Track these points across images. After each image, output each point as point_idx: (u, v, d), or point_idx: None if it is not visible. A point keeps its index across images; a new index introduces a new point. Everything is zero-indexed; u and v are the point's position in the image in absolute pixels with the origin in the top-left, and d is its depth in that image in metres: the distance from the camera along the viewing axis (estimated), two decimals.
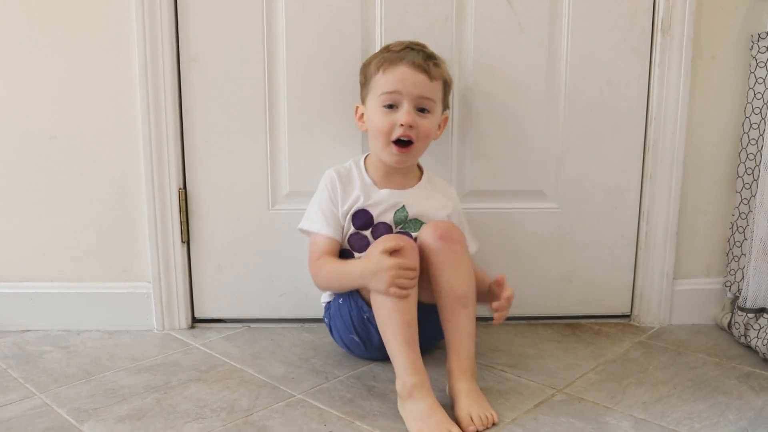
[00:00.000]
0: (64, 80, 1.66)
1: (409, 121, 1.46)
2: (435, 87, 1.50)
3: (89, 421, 1.32)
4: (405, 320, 1.33)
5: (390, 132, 1.48)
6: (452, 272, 1.40)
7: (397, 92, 1.47)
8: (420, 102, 1.48)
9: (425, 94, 1.48)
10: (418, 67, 1.47)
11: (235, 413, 1.35)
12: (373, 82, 1.50)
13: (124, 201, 1.72)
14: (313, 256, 1.52)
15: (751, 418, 1.35)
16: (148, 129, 1.66)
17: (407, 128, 1.46)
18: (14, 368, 1.55)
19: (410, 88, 1.46)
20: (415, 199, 1.55)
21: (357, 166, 1.57)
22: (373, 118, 1.50)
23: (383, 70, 1.48)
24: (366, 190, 1.53)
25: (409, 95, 1.47)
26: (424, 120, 1.49)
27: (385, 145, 1.49)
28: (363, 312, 1.46)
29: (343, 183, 1.54)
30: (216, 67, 1.67)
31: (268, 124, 1.70)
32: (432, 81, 1.48)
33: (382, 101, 1.48)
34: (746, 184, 1.71)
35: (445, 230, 1.43)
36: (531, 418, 1.34)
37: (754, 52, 1.67)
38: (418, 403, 1.29)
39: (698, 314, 1.83)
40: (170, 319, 1.76)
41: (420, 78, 1.47)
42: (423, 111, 1.49)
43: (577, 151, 1.75)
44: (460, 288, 1.40)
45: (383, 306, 1.34)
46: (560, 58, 1.71)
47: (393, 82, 1.47)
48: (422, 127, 1.48)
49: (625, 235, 1.80)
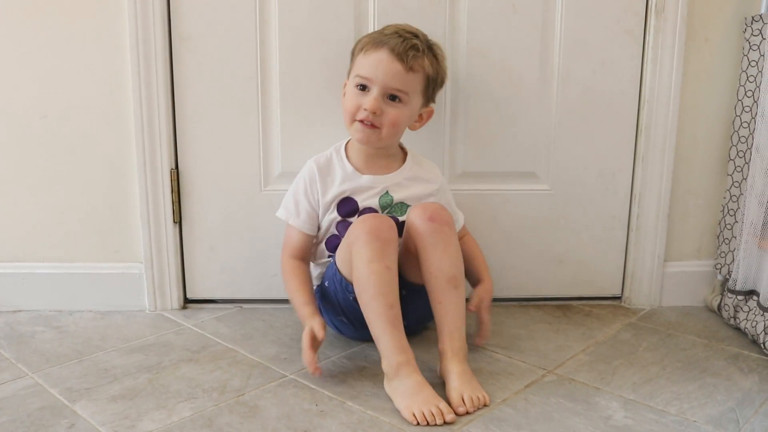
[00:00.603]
0: (55, 59, 1.65)
1: (373, 107, 1.44)
2: (411, 79, 1.46)
3: (81, 400, 1.32)
4: (388, 302, 1.34)
5: (355, 112, 1.47)
6: (442, 254, 1.40)
7: (368, 78, 1.45)
8: (390, 91, 1.45)
9: (396, 85, 1.45)
10: (396, 55, 1.44)
11: (226, 393, 1.36)
12: (355, 62, 1.50)
13: (116, 181, 1.72)
14: (285, 250, 1.56)
15: (739, 399, 1.36)
16: (139, 109, 1.66)
17: (371, 114, 1.45)
18: (6, 348, 1.55)
19: (381, 76, 1.44)
20: (399, 183, 1.54)
21: (338, 154, 1.55)
22: (347, 96, 1.50)
23: (365, 51, 1.47)
24: (348, 178, 1.52)
25: (378, 83, 1.44)
26: (392, 108, 1.46)
27: (350, 122, 1.49)
28: (349, 293, 1.46)
29: (322, 175, 1.53)
30: (208, 46, 1.66)
31: (261, 104, 1.69)
32: (408, 72, 1.45)
33: (355, 82, 1.48)
34: (737, 167, 1.71)
35: (434, 212, 1.43)
36: (521, 399, 1.35)
37: (747, 35, 1.67)
38: (404, 381, 1.30)
39: (688, 296, 1.84)
40: (162, 299, 1.76)
41: (395, 67, 1.44)
42: (393, 99, 1.46)
43: (570, 132, 1.75)
44: (450, 269, 1.40)
45: (366, 291, 1.35)
46: (553, 40, 1.70)
47: (367, 66, 1.46)
48: (388, 116, 1.46)
49: (616, 217, 1.80)
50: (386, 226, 1.38)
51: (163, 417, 1.27)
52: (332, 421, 1.26)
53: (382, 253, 1.35)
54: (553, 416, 1.28)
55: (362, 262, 1.35)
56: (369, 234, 1.36)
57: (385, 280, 1.34)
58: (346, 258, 1.43)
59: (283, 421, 1.26)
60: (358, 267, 1.36)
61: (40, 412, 1.28)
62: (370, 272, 1.34)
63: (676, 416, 1.29)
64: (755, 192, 1.61)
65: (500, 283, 1.82)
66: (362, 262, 1.35)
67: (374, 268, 1.34)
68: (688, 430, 1.24)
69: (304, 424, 1.25)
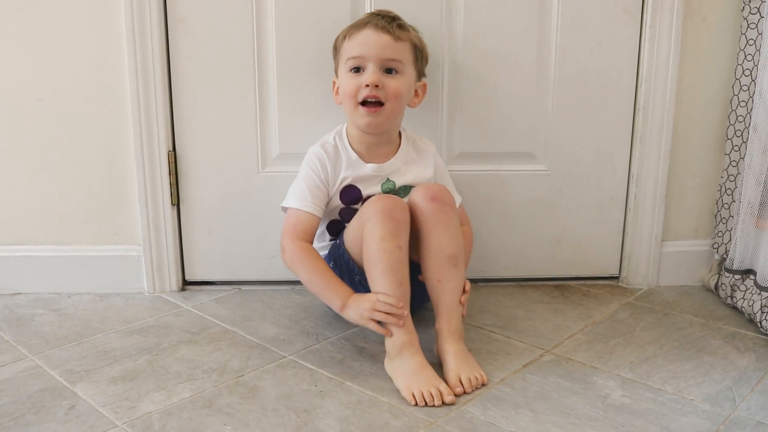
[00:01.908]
0: (50, 41, 1.64)
1: (374, 80, 1.43)
2: (402, 48, 1.47)
3: (81, 382, 1.33)
4: (397, 280, 1.34)
5: (356, 94, 1.45)
6: (442, 232, 1.41)
7: (360, 56, 1.45)
8: (386, 63, 1.45)
9: (390, 55, 1.45)
10: (381, 28, 1.45)
11: (226, 374, 1.36)
12: (341, 51, 1.50)
13: (114, 164, 1.71)
14: (290, 234, 1.47)
15: (736, 377, 1.37)
16: (136, 91, 1.65)
17: (373, 88, 1.44)
18: (6, 331, 1.55)
19: (373, 50, 1.44)
20: (399, 168, 1.54)
21: (341, 140, 1.53)
22: (342, 85, 1.49)
23: (348, 37, 1.47)
24: (352, 165, 1.51)
25: (373, 57, 1.44)
26: (391, 80, 1.46)
27: (354, 107, 1.47)
28: (354, 274, 1.47)
29: (332, 161, 1.51)
30: (204, 28, 1.65)
31: (258, 85, 1.69)
32: (397, 41, 1.45)
33: (348, 66, 1.46)
34: (735, 146, 1.71)
35: (436, 192, 1.44)
36: (519, 378, 1.36)
37: (746, 13, 1.66)
38: (407, 361, 1.31)
39: (686, 276, 1.85)
40: (161, 281, 1.77)
41: (383, 39, 1.44)
42: (390, 72, 1.46)
43: (567, 113, 1.74)
44: (450, 248, 1.41)
45: (375, 266, 1.35)
46: (550, 19, 1.69)
47: (357, 45, 1.45)
48: (390, 87, 1.45)
49: (614, 197, 1.81)
50: (399, 207, 1.39)
51: (163, 398, 1.27)
52: (331, 401, 1.27)
53: (395, 232, 1.36)
54: (551, 395, 1.29)
55: (374, 239, 1.35)
56: (382, 213, 1.36)
57: (396, 258, 1.35)
58: (356, 237, 1.42)
59: (282, 401, 1.26)
60: (369, 244, 1.36)
61: (40, 393, 1.29)
62: (381, 249, 1.34)
63: (673, 395, 1.30)
64: (753, 171, 1.61)
65: (498, 263, 1.82)
66: (374, 239, 1.35)
67: (386, 246, 1.34)
68: (685, 408, 1.25)
69: (304, 404, 1.26)
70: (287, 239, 1.47)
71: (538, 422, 1.21)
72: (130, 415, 1.22)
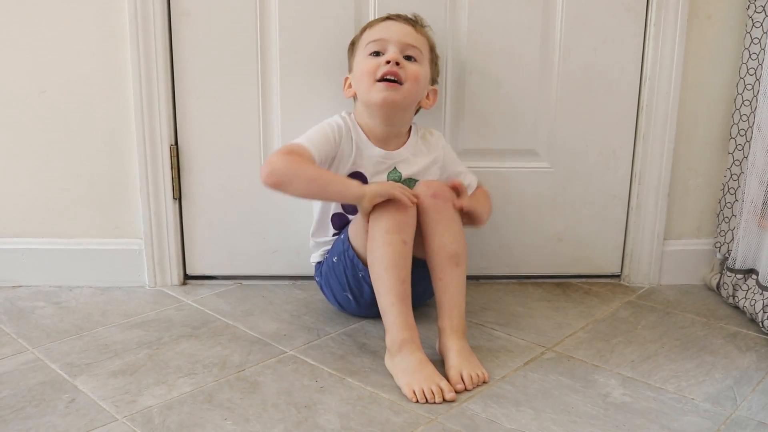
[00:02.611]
0: (54, 34, 1.64)
1: (395, 56, 1.45)
2: (421, 39, 1.51)
3: (82, 375, 1.33)
4: (400, 276, 1.34)
5: (375, 71, 1.46)
6: (444, 230, 1.41)
7: (382, 39, 1.48)
8: (406, 49, 1.48)
9: (411, 41, 1.49)
10: (402, 20, 1.51)
11: (226, 369, 1.36)
12: (360, 42, 1.52)
13: (116, 157, 1.71)
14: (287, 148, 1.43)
15: (737, 376, 1.37)
16: (139, 84, 1.65)
17: (393, 65, 1.45)
18: (7, 323, 1.55)
19: (395, 35, 1.48)
20: (406, 159, 1.54)
21: (351, 122, 1.52)
22: (359, 68, 1.49)
23: (368, 28, 1.52)
24: (362, 146, 1.51)
25: (394, 40, 1.47)
26: (411, 65, 1.48)
27: (371, 83, 1.46)
28: (358, 270, 1.47)
29: (346, 135, 1.50)
30: (208, 21, 1.65)
31: (261, 79, 1.68)
32: (417, 32, 1.50)
33: (368, 50, 1.48)
34: (739, 146, 1.71)
35: (437, 189, 1.44)
36: (520, 376, 1.35)
37: (751, 11, 1.65)
38: (407, 358, 1.30)
39: (688, 275, 1.85)
40: (162, 275, 1.77)
41: (405, 27, 1.50)
42: (410, 59, 1.49)
43: (571, 110, 1.74)
44: (452, 245, 1.40)
45: (379, 262, 1.35)
46: (555, 16, 1.69)
47: (378, 31, 1.50)
48: (410, 69, 1.47)
49: (616, 196, 1.80)
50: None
51: (163, 392, 1.27)
52: (332, 397, 1.27)
53: (400, 226, 1.36)
54: (552, 393, 1.29)
55: (379, 231, 1.35)
56: (389, 207, 1.37)
57: (400, 253, 1.35)
58: (361, 230, 1.43)
59: (283, 396, 1.26)
60: (374, 237, 1.37)
61: (40, 386, 1.29)
62: (386, 243, 1.35)
63: (674, 394, 1.30)
64: (756, 170, 1.61)
65: (500, 260, 1.82)
66: (379, 231, 1.35)
67: (390, 240, 1.35)
68: (685, 407, 1.25)
69: (304, 399, 1.25)
70: (275, 155, 1.41)
71: (538, 420, 1.21)
72: (131, 409, 1.22)
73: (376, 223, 1.37)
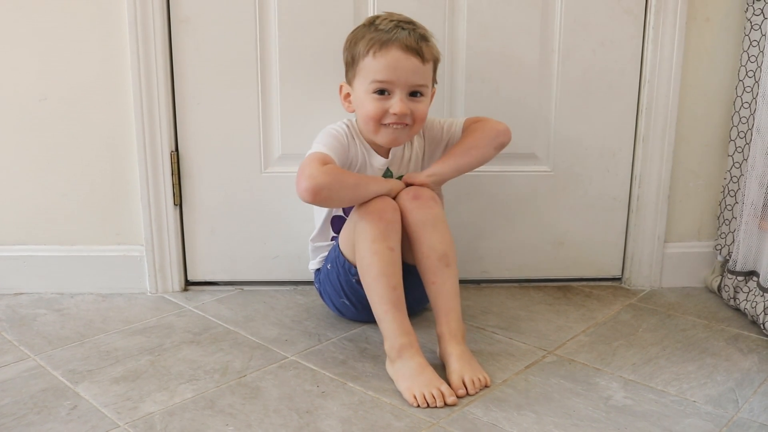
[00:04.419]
0: (54, 41, 1.64)
1: (403, 110, 1.40)
2: (427, 70, 1.43)
3: (84, 382, 1.33)
4: (390, 284, 1.34)
5: (381, 118, 1.42)
6: (431, 231, 1.40)
7: (388, 81, 1.40)
8: (412, 89, 1.42)
9: (417, 81, 1.41)
10: (410, 50, 1.39)
11: (228, 375, 1.36)
12: (362, 65, 1.42)
13: (116, 164, 1.71)
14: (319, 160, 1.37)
15: (738, 379, 1.36)
16: (139, 91, 1.65)
17: (401, 117, 1.41)
18: (8, 331, 1.55)
19: (402, 77, 1.39)
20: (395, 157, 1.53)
21: (354, 130, 1.50)
22: (363, 104, 1.44)
23: (373, 53, 1.40)
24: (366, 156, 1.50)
25: (401, 84, 1.40)
26: (417, 104, 1.43)
27: (377, 129, 1.44)
28: (351, 275, 1.47)
29: (349, 141, 1.48)
30: (207, 28, 1.65)
31: (261, 86, 1.69)
32: (425, 64, 1.41)
33: (373, 88, 1.41)
34: (738, 148, 1.71)
35: (416, 190, 1.43)
36: (522, 380, 1.35)
37: (749, 14, 1.66)
38: (407, 363, 1.30)
39: (688, 277, 1.85)
40: (163, 282, 1.77)
41: (413, 63, 1.39)
42: (415, 95, 1.43)
43: (570, 113, 1.74)
44: (440, 246, 1.40)
45: (368, 272, 1.35)
46: (554, 20, 1.69)
47: (385, 69, 1.39)
48: (417, 112, 1.43)
49: (617, 198, 1.80)
50: (389, 207, 1.38)
51: (165, 398, 1.27)
52: (333, 402, 1.27)
53: (385, 233, 1.35)
54: (554, 397, 1.29)
55: (365, 242, 1.35)
56: (372, 214, 1.36)
57: (388, 261, 1.34)
58: (349, 239, 1.43)
59: (284, 402, 1.26)
60: (361, 247, 1.36)
61: (42, 393, 1.29)
62: (372, 252, 1.34)
63: (675, 396, 1.30)
64: (756, 173, 1.61)
65: (500, 264, 1.82)
66: (365, 242, 1.35)
67: (377, 249, 1.34)
68: (687, 410, 1.25)
69: (306, 405, 1.25)
70: (310, 167, 1.34)
71: (540, 423, 1.21)
72: (132, 416, 1.22)
73: (360, 235, 1.36)
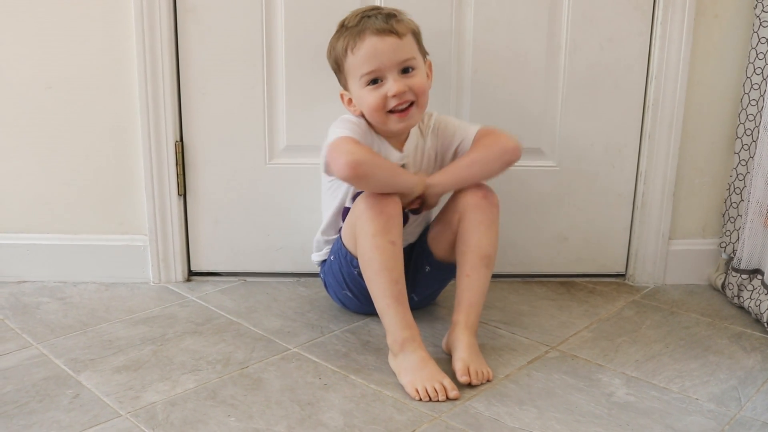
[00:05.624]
0: (59, 30, 1.64)
1: (400, 88, 1.39)
2: (407, 43, 1.42)
3: (86, 371, 1.33)
4: (392, 278, 1.34)
5: (383, 106, 1.41)
6: (485, 231, 1.43)
7: (376, 70, 1.40)
8: (401, 65, 1.41)
9: (403, 56, 1.40)
10: (383, 32, 1.38)
11: (230, 365, 1.36)
12: (348, 66, 1.43)
13: (121, 154, 1.71)
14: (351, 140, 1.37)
15: (741, 377, 1.36)
16: (144, 81, 1.65)
17: (401, 96, 1.40)
18: (11, 319, 1.56)
19: (386, 59, 1.39)
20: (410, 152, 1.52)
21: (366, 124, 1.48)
22: (364, 100, 1.43)
23: (351, 50, 1.40)
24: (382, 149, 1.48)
25: (388, 66, 1.39)
26: (413, 78, 1.42)
27: (384, 118, 1.43)
28: (353, 267, 1.46)
29: (368, 135, 1.47)
30: (213, 18, 1.65)
31: (266, 76, 1.68)
32: (402, 38, 1.40)
33: (364, 82, 1.41)
34: (745, 146, 1.70)
35: (488, 192, 1.46)
36: (524, 375, 1.35)
37: (758, 11, 1.65)
38: (409, 357, 1.30)
39: (692, 274, 1.84)
40: (166, 272, 1.77)
41: (390, 43, 1.38)
42: (407, 71, 1.42)
43: (576, 109, 1.74)
44: (488, 247, 1.42)
45: (370, 266, 1.35)
46: (561, 14, 1.69)
47: (367, 59, 1.39)
48: (415, 86, 1.41)
49: (622, 195, 1.80)
50: (391, 201, 1.38)
51: (167, 388, 1.27)
52: (335, 394, 1.27)
53: (386, 227, 1.35)
54: (556, 392, 1.29)
55: (366, 236, 1.35)
56: (373, 208, 1.36)
57: (390, 255, 1.34)
58: (350, 232, 1.43)
59: (286, 393, 1.26)
60: (362, 242, 1.36)
61: (45, 382, 1.29)
62: (374, 247, 1.34)
63: (678, 394, 1.29)
64: (762, 170, 1.60)
65: (504, 259, 1.81)
66: (366, 236, 1.35)
67: (378, 243, 1.34)
68: (690, 407, 1.25)
69: (308, 396, 1.25)
70: (346, 144, 1.35)
71: (542, 419, 1.20)
72: (134, 405, 1.22)
73: (361, 229, 1.36)
